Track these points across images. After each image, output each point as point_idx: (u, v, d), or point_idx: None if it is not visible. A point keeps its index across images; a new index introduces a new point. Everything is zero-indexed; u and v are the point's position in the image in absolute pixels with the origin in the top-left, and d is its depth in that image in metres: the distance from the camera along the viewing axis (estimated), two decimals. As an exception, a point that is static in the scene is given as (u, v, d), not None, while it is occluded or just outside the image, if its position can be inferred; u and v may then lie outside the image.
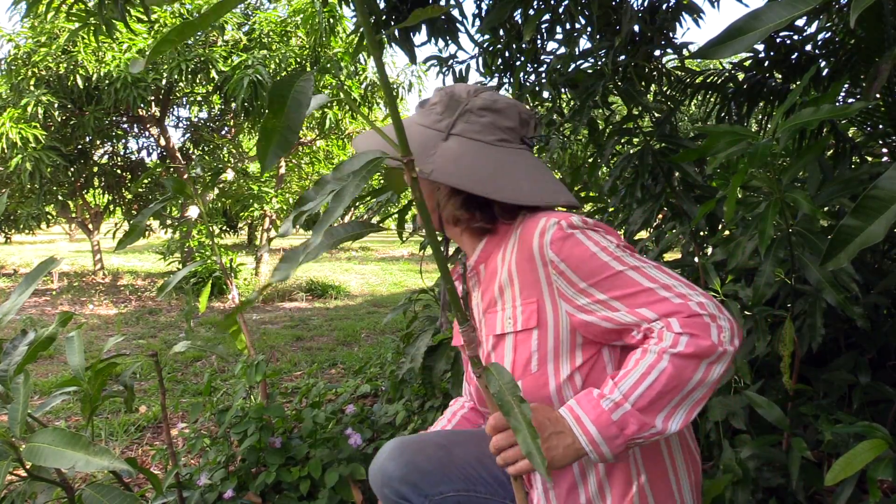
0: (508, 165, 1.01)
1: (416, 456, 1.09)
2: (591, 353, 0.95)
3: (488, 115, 1.03)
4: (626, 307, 0.88)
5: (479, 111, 1.03)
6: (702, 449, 1.66)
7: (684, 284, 0.88)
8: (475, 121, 1.02)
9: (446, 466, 1.09)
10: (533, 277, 0.95)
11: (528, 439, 0.67)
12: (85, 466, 0.93)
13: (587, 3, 2.08)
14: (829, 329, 1.54)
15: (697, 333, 0.83)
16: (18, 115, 6.51)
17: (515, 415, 0.69)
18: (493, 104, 1.03)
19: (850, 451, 1.03)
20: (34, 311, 6.18)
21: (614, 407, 0.84)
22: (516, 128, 1.05)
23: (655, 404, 0.84)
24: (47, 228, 11.35)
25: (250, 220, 10.23)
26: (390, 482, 1.08)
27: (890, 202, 0.64)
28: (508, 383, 0.72)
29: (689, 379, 0.83)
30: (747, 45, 0.66)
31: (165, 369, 3.67)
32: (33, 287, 1.14)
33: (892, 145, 2.18)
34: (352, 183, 0.61)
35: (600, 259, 0.90)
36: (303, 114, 0.52)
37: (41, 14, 2.28)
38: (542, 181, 1.03)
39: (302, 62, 7.11)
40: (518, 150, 1.05)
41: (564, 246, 0.91)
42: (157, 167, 8.64)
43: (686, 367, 0.83)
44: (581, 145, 3.35)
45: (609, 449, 0.84)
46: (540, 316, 0.95)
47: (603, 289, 0.89)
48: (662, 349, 0.83)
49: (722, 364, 0.84)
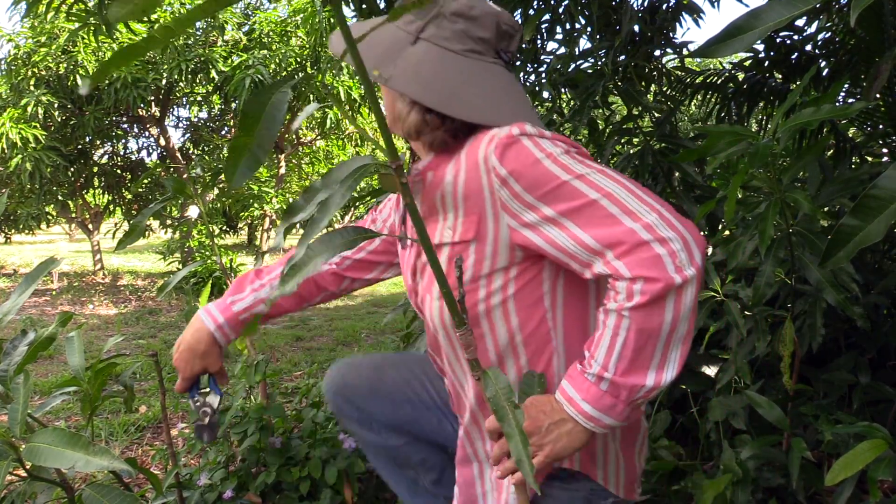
0: (473, 78, 0.93)
1: (350, 373, 1.25)
2: (527, 270, 0.90)
3: (461, 21, 0.93)
4: (569, 226, 0.81)
5: (451, 16, 0.93)
6: (702, 449, 1.66)
7: (634, 196, 0.80)
8: (446, 26, 0.93)
9: (375, 385, 1.23)
10: (476, 186, 0.88)
11: (520, 446, 0.68)
12: (85, 466, 0.93)
13: (587, 3, 2.08)
14: (829, 329, 1.54)
15: (649, 275, 0.76)
16: (18, 115, 6.51)
17: (509, 421, 0.70)
18: (468, 10, 0.93)
19: (850, 451, 1.03)
20: (34, 311, 6.19)
21: (598, 379, 0.81)
22: (491, 39, 0.95)
23: (636, 363, 0.79)
24: (47, 228, 11.35)
25: (250, 220, 10.23)
26: (329, 394, 1.26)
27: (889, 202, 0.64)
28: (504, 388, 0.72)
29: (661, 325, 0.77)
30: (747, 44, 0.66)
31: (165, 369, 3.67)
32: (33, 287, 1.14)
33: (892, 145, 2.18)
34: (338, 192, 0.61)
35: (544, 166, 0.82)
36: (275, 131, 0.51)
37: (41, 14, 2.28)
38: (503, 100, 0.94)
39: (302, 62, 7.11)
40: (488, 64, 0.95)
41: (508, 152, 0.84)
42: (157, 167, 8.64)
43: (651, 316, 0.77)
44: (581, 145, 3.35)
45: (611, 418, 0.82)
46: (479, 228, 0.89)
47: (547, 201, 0.82)
48: (619, 306, 0.79)
49: (690, 289, 0.77)
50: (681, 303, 0.77)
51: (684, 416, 1.76)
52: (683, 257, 0.77)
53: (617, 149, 2.15)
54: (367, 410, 1.24)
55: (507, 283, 0.90)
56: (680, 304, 0.77)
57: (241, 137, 0.51)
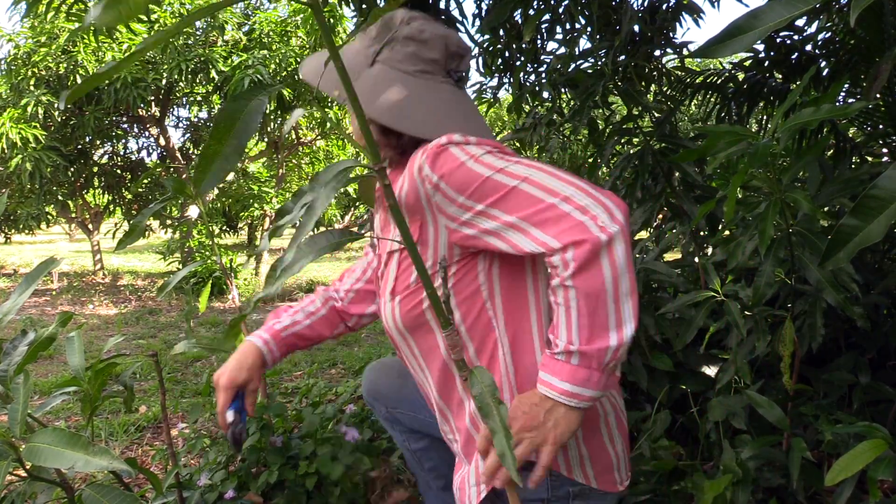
0: (422, 96, 1.02)
1: (380, 378, 1.42)
2: (463, 266, 0.98)
3: (412, 44, 1.03)
4: (498, 215, 0.88)
5: (404, 40, 1.03)
6: (702, 449, 1.66)
7: (551, 175, 0.87)
8: (399, 49, 1.03)
9: (399, 392, 1.38)
10: (415, 195, 0.95)
11: (503, 441, 0.72)
12: (84, 466, 0.93)
13: (587, 3, 2.08)
14: (829, 329, 1.54)
15: (576, 239, 0.81)
16: (18, 115, 6.51)
17: (494, 417, 0.73)
18: (419, 34, 1.03)
19: (850, 451, 1.03)
20: (34, 311, 6.19)
21: (567, 355, 0.85)
22: (440, 60, 1.04)
23: (595, 327, 0.84)
24: (47, 228, 11.35)
25: (250, 220, 10.22)
26: (364, 392, 1.45)
27: (889, 202, 0.64)
28: (489, 386, 0.75)
29: (603, 284, 0.82)
30: (747, 44, 0.66)
31: (165, 369, 3.67)
32: (33, 287, 1.14)
33: (892, 145, 2.18)
34: (322, 194, 0.63)
35: (468, 167, 0.90)
36: (246, 139, 0.52)
37: (41, 14, 2.28)
38: (449, 116, 1.03)
39: (302, 62, 7.11)
40: (437, 83, 1.05)
41: (438, 160, 0.91)
42: (157, 167, 8.63)
43: (591, 278, 0.82)
44: (581, 145, 3.35)
45: (591, 389, 0.86)
46: (421, 232, 0.97)
47: (476, 198, 0.89)
48: (561, 279, 0.84)
49: (618, 244, 0.82)
50: (614, 258, 0.82)
51: (684, 416, 1.76)
52: (605, 217, 0.82)
53: (617, 149, 2.14)
54: (393, 412, 1.40)
55: (446, 279, 0.98)
56: (613, 259, 0.82)
57: (213, 146, 0.52)
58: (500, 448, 0.71)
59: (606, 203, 0.83)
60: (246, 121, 0.52)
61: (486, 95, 2.77)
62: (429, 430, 1.34)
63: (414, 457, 1.43)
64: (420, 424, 1.36)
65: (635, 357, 1.81)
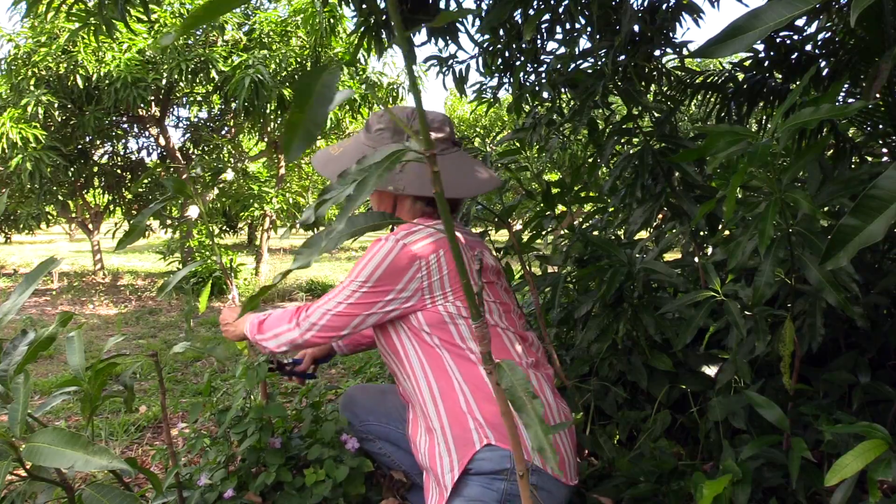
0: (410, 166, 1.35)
1: (358, 393, 1.71)
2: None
3: (386, 131, 1.42)
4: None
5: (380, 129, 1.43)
6: (702, 449, 1.66)
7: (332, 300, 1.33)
8: (386, 137, 1.41)
9: (377, 404, 1.64)
10: None
11: (540, 434, 0.71)
12: (84, 466, 0.93)
13: (587, 3, 2.08)
14: (829, 329, 1.54)
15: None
16: (18, 115, 6.51)
17: (528, 411, 0.72)
18: (389, 123, 1.41)
19: (850, 451, 1.03)
20: (34, 311, 6.19)
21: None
22: (401, 130, 1.38)
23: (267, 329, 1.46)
24: (47, 228, 11.34)
25: (250, 220, 10.21)
26: (341, 407, 1.74)
27: (889, 201, 0.64)
28: (520, 379, 0.75)
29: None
30: (747, 43, 0.66)
31: (165, 369, 3.67)
32: (33, 287, 1.14)
33: (892, 145, 2.18)
34: (374, 173, 0.66)
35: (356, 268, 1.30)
36: (327, 108, 0.55)
37: (41, 14, 2.28)
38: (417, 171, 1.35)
39: (302, 62, 7.10)
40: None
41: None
42: (157, 167, 8.63)
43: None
44: (581, 145, 3.35)
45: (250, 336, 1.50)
46: None
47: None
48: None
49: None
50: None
51: (684, 416, 1.76)
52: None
53: (617, 149, 2.14)
54: (365, 422, 1.65)
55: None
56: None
57: (296, 114, 0.54)
58: (538, 442, 0.71)
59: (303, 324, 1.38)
60: (324, 88, 0.56)
61: (486, 95, 2.77)
62: (398, 442, 1.59)
63: (383, 461, 1.66)
64: (391, 434, 1.61)
65: (635, 357, 1.81)
